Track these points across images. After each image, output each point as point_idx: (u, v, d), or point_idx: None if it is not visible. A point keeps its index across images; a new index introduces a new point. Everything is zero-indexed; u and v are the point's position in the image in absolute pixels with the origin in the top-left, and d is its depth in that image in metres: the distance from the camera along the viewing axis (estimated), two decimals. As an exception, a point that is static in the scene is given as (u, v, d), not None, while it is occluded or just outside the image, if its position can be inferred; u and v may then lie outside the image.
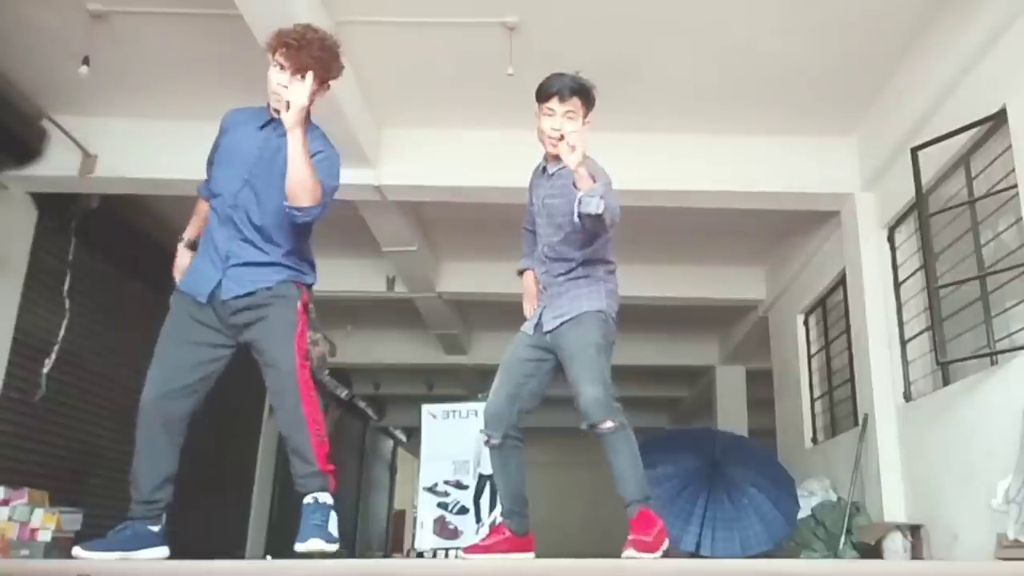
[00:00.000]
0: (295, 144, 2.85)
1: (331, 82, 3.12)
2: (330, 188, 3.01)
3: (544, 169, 3.40)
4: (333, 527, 2.86)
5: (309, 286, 3.11)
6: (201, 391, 3.01)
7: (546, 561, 3.10)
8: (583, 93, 3.25)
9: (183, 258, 3.20)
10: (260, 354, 3.00)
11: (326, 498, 2.89)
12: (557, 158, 3.24)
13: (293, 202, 2.87)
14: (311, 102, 3.00)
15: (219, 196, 3.06)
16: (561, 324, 3.27)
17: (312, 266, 3.16)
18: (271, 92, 3.02)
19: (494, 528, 3.40)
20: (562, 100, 3.23)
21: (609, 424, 3.11)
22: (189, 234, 3.24)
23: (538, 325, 3.35)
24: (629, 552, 2.97)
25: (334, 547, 2.80)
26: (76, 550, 2.75)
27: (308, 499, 2.89)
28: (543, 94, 3.27)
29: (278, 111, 2.99)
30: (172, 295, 3.12)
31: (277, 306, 2.97)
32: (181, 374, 2.96)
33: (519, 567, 2.98)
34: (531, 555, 3.29)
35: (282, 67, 2.97)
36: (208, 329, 3.01)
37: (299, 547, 2.75)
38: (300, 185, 2.86)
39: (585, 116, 3.27)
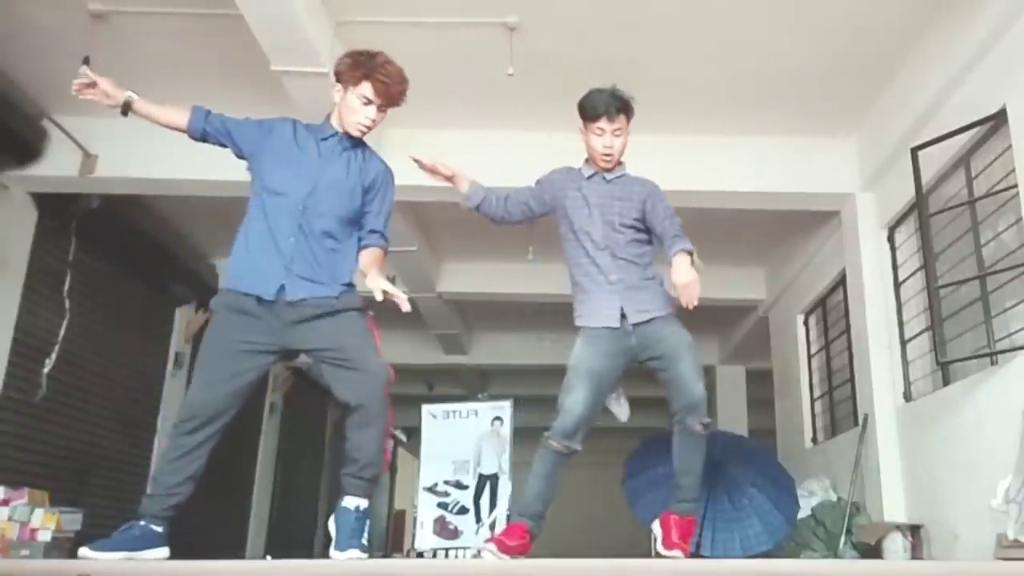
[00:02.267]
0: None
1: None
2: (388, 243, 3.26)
3: (594, 175, 3.55)
4: (365, 536, 3.00)
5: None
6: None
7: (546, 561, 3.10)
8: (627, 109, 3.50)
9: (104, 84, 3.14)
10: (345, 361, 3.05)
11: (367, 505, 3.02)
12: (608, 169, 3.53)
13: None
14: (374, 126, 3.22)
15: (282, 195, 3.07)
16: (653, 319, 3.40)
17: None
18: (356, 123, 3.12)
19: (516, 527, 3.33)
20: (610, 119, 3.46)
21: (708, 422, 3.36)
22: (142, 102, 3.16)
23: (623, 318, 3.39)
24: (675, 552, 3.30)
25: (366, 555, 2.94)
26: (83, 550, 2.75)
27: (350, 503, 2.99)
28: (591, 114, 3.48)
29: (352, 136, 3.15)
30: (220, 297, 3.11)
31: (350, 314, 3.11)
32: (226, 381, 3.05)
33: (519, 567, 2.98)
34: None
35: (369, 101, 3.10)
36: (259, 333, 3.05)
37: (337, 555, 2.89)
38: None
39: (627, 127, 3.55)
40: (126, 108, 3.11)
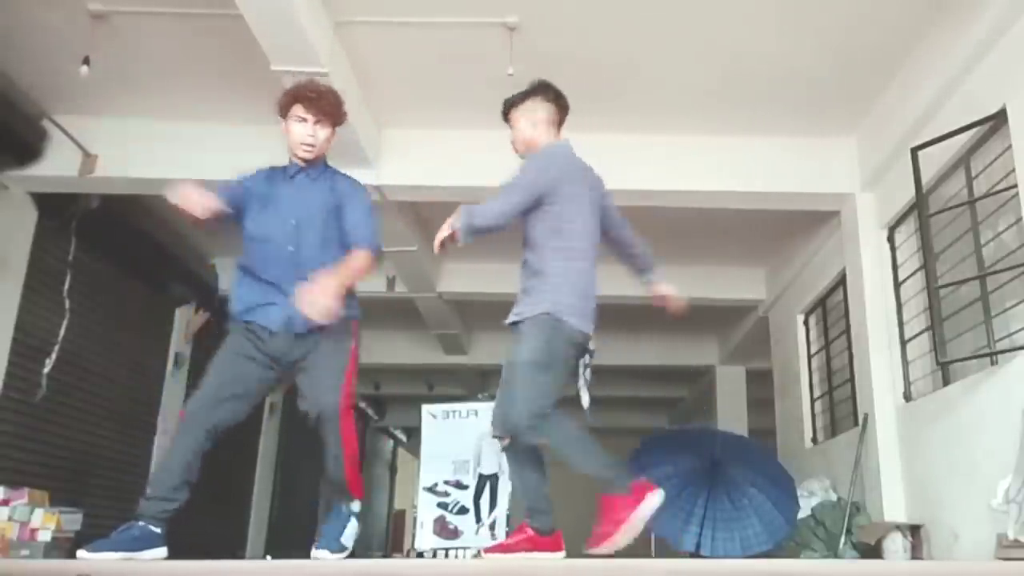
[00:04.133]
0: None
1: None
2: (377, 246, 3.37)
3: None
4: (347, 537, 3.15)
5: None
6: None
7: (546, 561, 3.10)
8: (506, 109, 3.60)
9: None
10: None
11: (353, 506, 3.20)
12: None
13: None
14: (325, 150, 3.33)
15: (270, 241, 3.18)
16: (512, 323, 3.39)
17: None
18: (299, 143, 3.24)
19: (519, 527, 3.32)
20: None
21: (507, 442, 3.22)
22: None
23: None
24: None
25: (340, 555, 3.06)
26: (81, 552, 2.76)
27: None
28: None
29: (306, 160, 3.26)
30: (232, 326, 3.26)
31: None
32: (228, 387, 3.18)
33: (518, 567, 2.97)
34: (561, 554, 3.19)
35: (303, 119, 3.23)
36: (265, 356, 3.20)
37: (312, 553, 3.06)
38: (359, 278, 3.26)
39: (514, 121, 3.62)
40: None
